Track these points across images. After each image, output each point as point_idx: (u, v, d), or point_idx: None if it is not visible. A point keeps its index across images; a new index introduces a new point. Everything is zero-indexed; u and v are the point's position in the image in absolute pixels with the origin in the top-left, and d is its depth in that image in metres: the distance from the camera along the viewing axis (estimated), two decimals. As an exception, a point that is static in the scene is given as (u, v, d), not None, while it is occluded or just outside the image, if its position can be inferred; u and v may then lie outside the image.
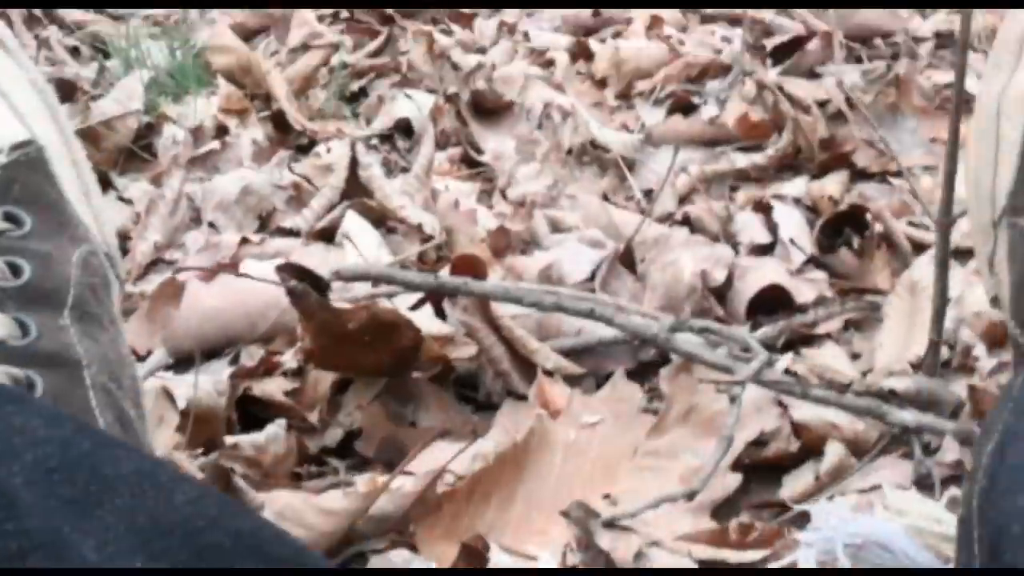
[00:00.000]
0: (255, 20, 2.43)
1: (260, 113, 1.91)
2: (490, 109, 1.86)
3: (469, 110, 1.85)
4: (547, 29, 2.32)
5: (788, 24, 2.13)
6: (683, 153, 1.59)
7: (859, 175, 1.54)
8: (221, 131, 1.85)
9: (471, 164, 1.73)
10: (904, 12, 2.13)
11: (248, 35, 2.34)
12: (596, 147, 1.67)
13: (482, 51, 2.21)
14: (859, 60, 1.98)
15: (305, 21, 2.26)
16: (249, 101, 1.93)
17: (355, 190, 1.51)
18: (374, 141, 1.83)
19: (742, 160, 1.59)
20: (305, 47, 2.15)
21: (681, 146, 1.61)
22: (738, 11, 2.21)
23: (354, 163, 1.50)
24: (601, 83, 2.02)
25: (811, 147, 1.58)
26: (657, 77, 1.92)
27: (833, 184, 1.49)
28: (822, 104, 1.68)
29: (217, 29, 2.15)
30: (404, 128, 1.85)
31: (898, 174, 1.53)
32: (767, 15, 2.16)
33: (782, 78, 1.76)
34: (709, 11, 2.32)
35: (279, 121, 1.87)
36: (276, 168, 1.66)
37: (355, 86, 2.07)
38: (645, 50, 2.00)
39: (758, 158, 1.58)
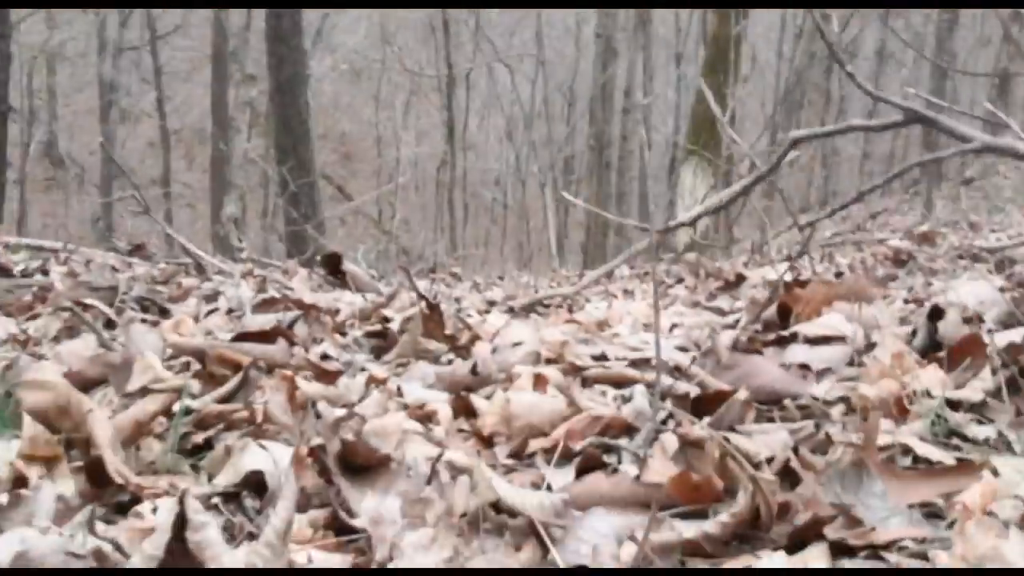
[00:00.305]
0: (94, 370, 1.86)
1: (73, 463, 1.31)
2: (362, 465, 1.31)
3: (337, 465, 1.29)
4: (420, 386, 1.83)
5: (682, 385, 1.71)
6: (616, 519, 1.08)
7: (838, 550, 1.04)
8: (18, 482, 1.24)
9: (341, 531, 1.15)
10: (802, 373, 1.75)
11: (86, 386, 1.76)
12: (500, 511, 1.13)
13: (350, 406, 1.69)
14: (771, 420, 1.54)
15: (149, 366, 1.70)
16: (62, 448, 1.33)
17: (180, 560, 0.91)
18: (215, 500, 1.24)
19: (689, 529, 1.07)
20: (144, 391, 1.58)
21: (609, 511, 1.11)
22: (630, 372, 1.79)
23: (181, 523, 0.91)
24: (488, 441, 1.51)
25: (771, 513, 1.08)
26: (557, 433, 1.43)
27: (818, 562, 0.98)
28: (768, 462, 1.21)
29: (40, 366, 1.57)
30: (255, 485, 1.28)
31: (886, 547, 1.03)
32: (666, 380, 1.74)
33: (718, 432, 1.28)
34: (590, 373, 1.88)
35: (95, 473, 1.27)
36: (77, 530, 1.05)
37: (199, 437, 1.50)
38: (539, 404, 1.52)
39: (708, 526, 1.07)
